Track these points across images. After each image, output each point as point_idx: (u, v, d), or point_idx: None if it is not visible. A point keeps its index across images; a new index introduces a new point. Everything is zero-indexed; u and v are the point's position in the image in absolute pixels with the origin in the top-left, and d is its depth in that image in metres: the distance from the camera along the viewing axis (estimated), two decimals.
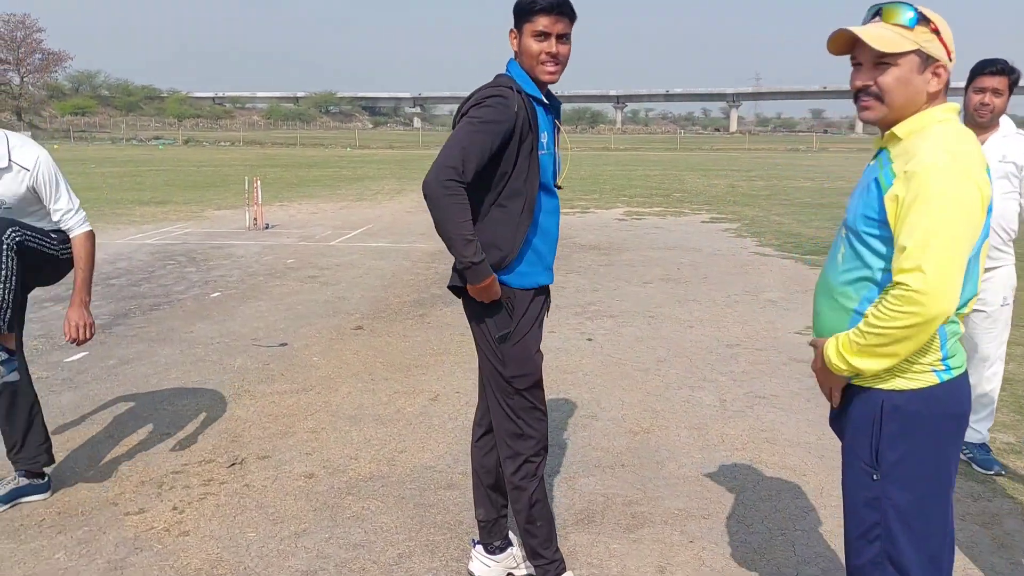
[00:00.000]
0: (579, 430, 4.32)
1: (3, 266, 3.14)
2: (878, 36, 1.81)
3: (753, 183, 22.24)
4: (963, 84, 3.54)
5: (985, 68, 3.49)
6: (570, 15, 2.45)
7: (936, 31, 1.82)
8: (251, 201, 12.74)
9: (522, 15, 2.46)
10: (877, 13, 1.87)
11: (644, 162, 34.61)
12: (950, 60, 1.84)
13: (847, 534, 2.01)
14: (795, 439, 4.19)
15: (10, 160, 3.25)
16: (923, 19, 1.81)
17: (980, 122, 3.56)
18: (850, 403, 1.94)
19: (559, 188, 2.69)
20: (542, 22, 2.42)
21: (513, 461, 2.63)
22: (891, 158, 1.85)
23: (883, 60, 1.82)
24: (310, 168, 28.73)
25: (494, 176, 2.47)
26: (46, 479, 3.58)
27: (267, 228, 12.45)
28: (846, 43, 1.89)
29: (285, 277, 8.61)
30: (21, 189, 3.29)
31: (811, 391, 4.90)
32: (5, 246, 3.15)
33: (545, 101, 2.55)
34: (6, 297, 3.17)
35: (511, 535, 2.94)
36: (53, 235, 3.41)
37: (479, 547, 2.91)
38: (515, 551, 2.89)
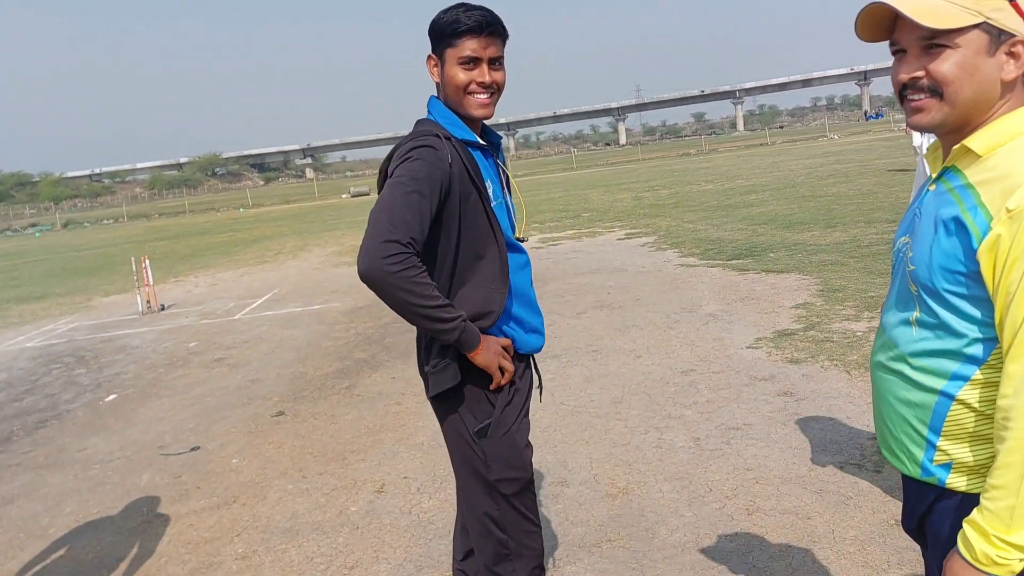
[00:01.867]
0: (551, 502, 3.82)
1: None
2: (926, 8, 1.34)
3: (657, 192, 22.38)
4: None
5: None
6: (502, 35, 2.00)
7: None
8: (141, 282, 11.78)
9: (443, 38, 1.99)
10: None
11: (545, 185, 34.64)
12: None
13: None
14: (785, 474, 3.80)
15: None
16: None
17: None
18: (949, 512, 1.46)
19: (522, 240, 2.22)
20: (469, 46, 1.96)
21: None
22: (970, 184, 1.38)
23: (936, 41, 1.35)
24: (203, 235, 27.42)
25: (445, 248, 1.98)
26: None
27: (163, 309, 11.52)
28: (883, 22, 1.42)
29: (188, 365, 7.82)
30: None
31: (784, 413, 4.55)
32: None
33: (482, 143, 2.08)
34: None
35: None
36: None
37: None
38: None
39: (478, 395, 2.06)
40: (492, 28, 1.96)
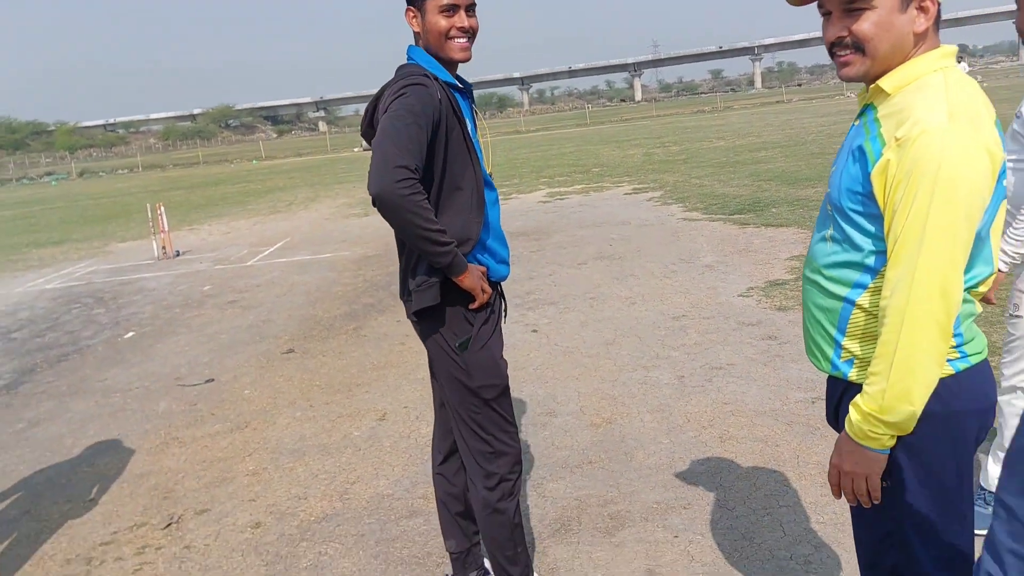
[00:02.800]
0: (539, 429, 4.09)
1: None
2: None
3: (668, 149, 22.39)
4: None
5: None
6: None
7: None
8: (157, 229, 12.06)
9: None
10: None
11: (557, 140, 34.58)
12: None
13: (858, 542, 1.81)
14: (760, 407, 4.05)
15: None
16: None
17: None
18: (850, 400, 1.66)
19: (491, 174, 2.45)
20: None
21: (487, 482, 2.38)
22: (878, 118, 1.57)
23: (855, 5, 1.53)
24: (216, 186, 27.67)
25: (431, 176, 2.20)
26: None
27: (178, 255, 11.81)
28: None
29: (203, 306, 8.12)
30: None
31: (767, 355, 4.79)
32: None
33: (460, 85, 2.30)
34: None
35: (486, 563, 2.69)
36: None
37: None
38: None
39: (459, 314, 2.30)
40: None
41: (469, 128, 2.29)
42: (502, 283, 2.51)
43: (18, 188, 46.14)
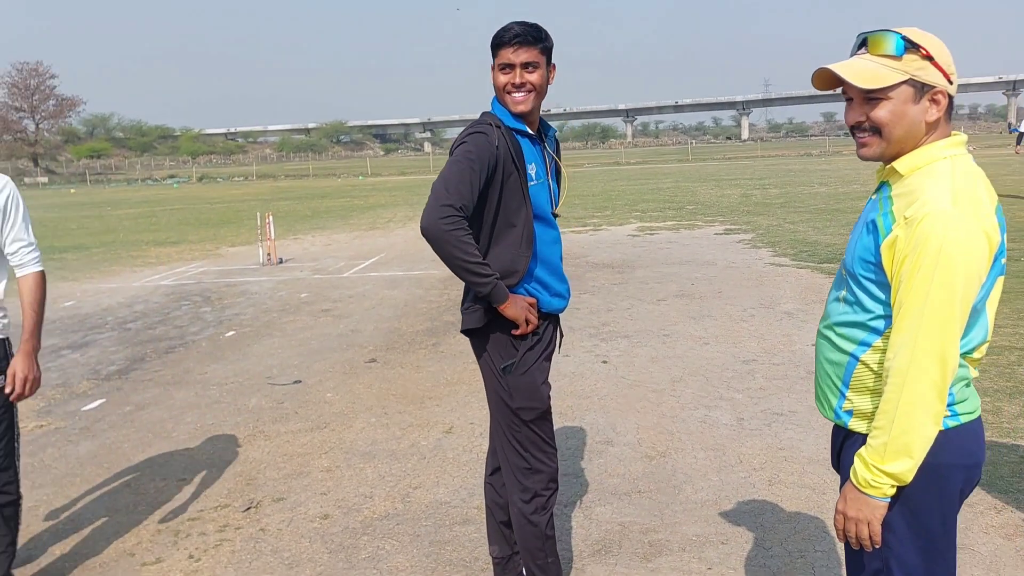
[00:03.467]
0: (594, 457, 4.28)
1: None
2: (861, 72, 1.71)
3: (767, 191, 22.13)
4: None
5: None
6: (534, 43, 2.46)
7: (928, 56, 1.69)
8: (264, 237, 12.85)
9: (492, 51, 2.50)
10: (863, 44, 1.76)
11: (656, 175, 34.58)
12: (950, 83, 1.73)
13: (849, 572, 1.96)
14: (814, 456, 4.12)
15: None
16: (912, 46, 1.69)
17: None
18: (853, 449, 1.83)
19: (556, 216, 2.70)
20: (505, 55, 2.47)
21: (523, 495, 2.61)
22: (891, 196, 1.75)
23: (873, 95, 1.72)
24: (323, 199, 28.95)
25: (485, 213, 2.48)
26: None
27: (280, 263, 12.53)
28: (831, 79, 1.78)
29: (299, 312, 8.65)
30: None
31: None
32: None
33: (530, 132, 2.56)
34: None
35: (524, 572, 2.91)
36: None
37: None
38: None
39: (504, 340, 2.55)
40: (522, 40, 2.44)
41: (534, 171, 2.55)
42: (558, 315, 2.74)
43: (143, 188, 49.36)
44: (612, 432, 4.62)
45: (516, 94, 2.50)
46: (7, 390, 2.95)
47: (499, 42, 2.49)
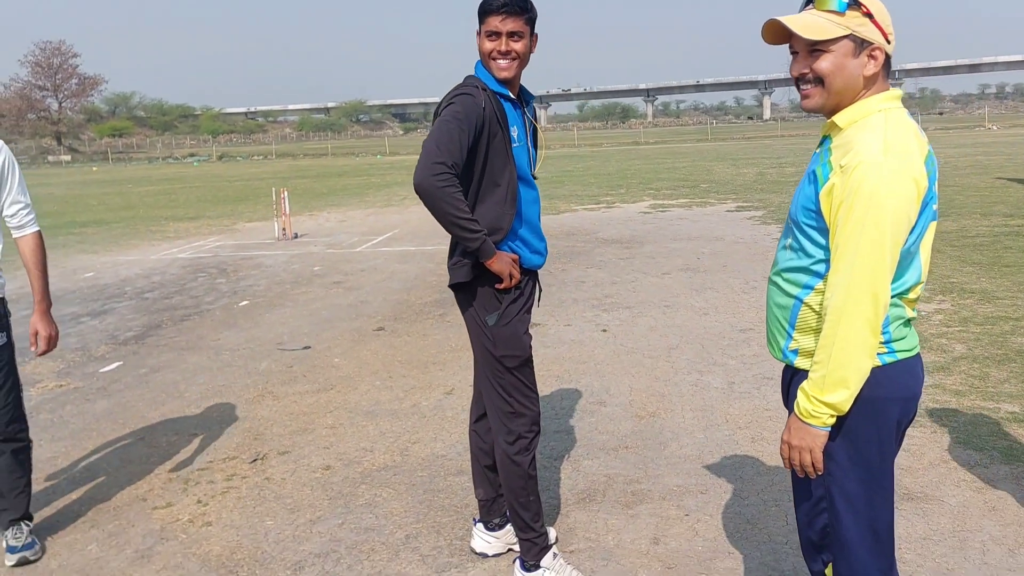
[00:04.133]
0: (586, 416, 4.44)
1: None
2: (807, 24, 1.83)
3: (783, 170, 22.04)
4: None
5: None
6: (520, 12, 2.58)
7: (869, 14, 1.81)
8: (279, 212, 13.06)
9: (479, 18, 2.62)
10: (810, 0, 1.90)
11: (673, 154, 34.46)
12: (888, 42, 1.84)
13: (797, 505, 2.10)
14: None
15: None
16: (854, 3, 1.81)
17: None
18: (796, 384, 1.96)
19: (535, 178, 2.83)
20: (492, 22, 2.57)
21: (507, 437, 2.76)
22: (831, 148, 1.87)
23: (817, 47, 1.83)
24: (340, 177, 29.16)
25: (472, 171, 2.62)
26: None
27: (296, 238, 12.74)
28: (781, 33, 1.89)
29: (311, 284, 8.85)
30: None
31: None
32: None
33: (511, 96, 2.69)
34: None
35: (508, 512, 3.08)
36: None
37: (479, 525, 3.06)
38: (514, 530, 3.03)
39: (489, 294, 2.69)
40: (509, 8, 2.55)
41: (518, 133, 2.68)
42: (537, 270, 2.89)
43: (163, 166, 49.85)
44: (605, 394, 4.77)
45: (501, 61, 2.62)
46: (32, 349, 3.18)
47: (487, 9, 2.59)
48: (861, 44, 1.83)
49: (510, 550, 3.04)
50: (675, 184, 19.27)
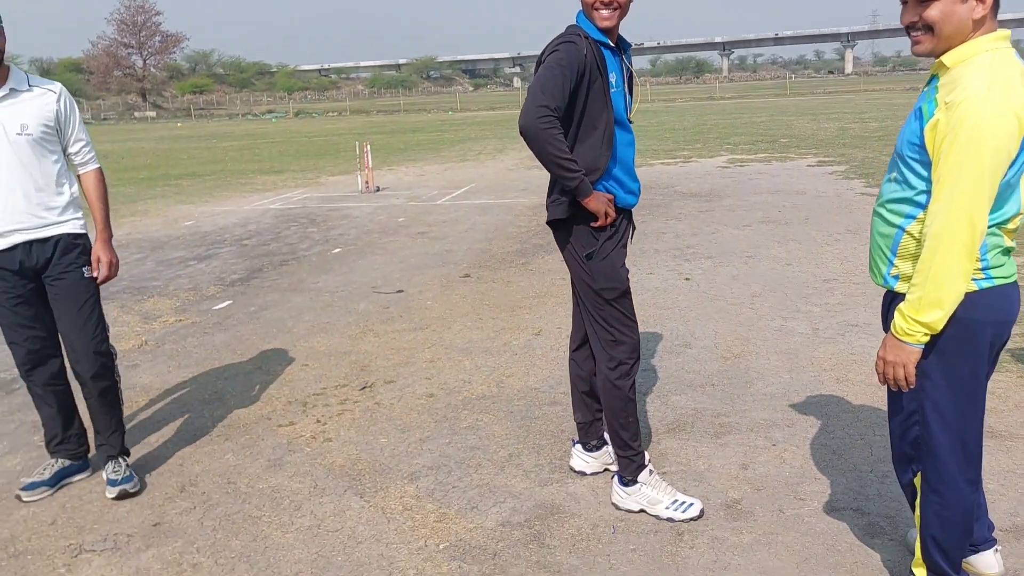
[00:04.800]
0: (673, 356, 4.64)
1: None
2: None
3: (866, 125, 21.41)
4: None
5: None
6: None
7: None
8: (362, 166, 13.44)
9: None
10: None
11: (751, 109, 33.68)
12: None
13: (891, 417, 2.27)
14: None
15: (29, 84, 3.19)
16: None
17: None
18: (896, 307, 2.11)
19: (631, 122, 3.00)
20: None
21: (609, 363, 2.98)
22: (938, 86, 1.99)
23: None
24: (414, 133, 29.53)
25: (572, 114, 2.80)
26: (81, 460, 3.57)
27: (378, 191, 13.12)
28: None
29: (397, 234, 9.20)
30: (47, 112, 3.19)
31: None
32: None
33: (611, 44, 2.86)
34: None
35: (606, 436, 3.32)
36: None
37: (578, 446, 3.32)
38: (610, 449, 3.27)
39: (586, 231, 2.89)
40: None
41: (614, 79, 2.85)
42: (632, 209, 3.07)
43: (243, 122, 51.13)
44: (691, 337, 4.95)
45: (604, 11, 2.78)
46: (95, 274, 3.33)
47: None
48: None
49: (606, 470, 3.29)
50: (754, 139, 18.95)
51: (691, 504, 2.94)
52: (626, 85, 2.97)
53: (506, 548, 2.82)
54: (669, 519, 2.91)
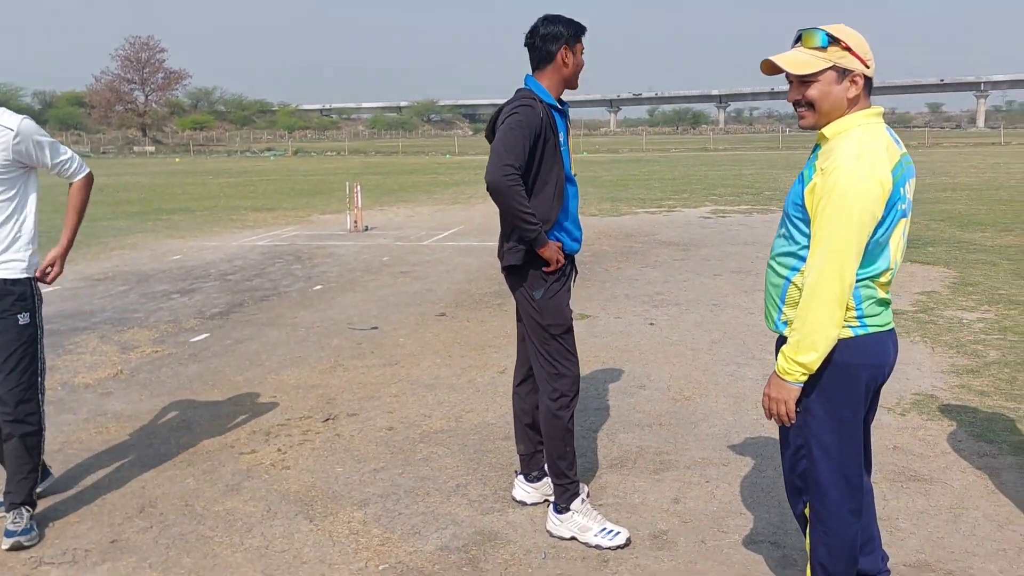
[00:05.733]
0: (626, 397, 4.83)
1: None
2: (795, 61, 2.21)
3: None
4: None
5: None
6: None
7: (847, 48, 2.18)
8: (352, 205, 13.74)
9: (580, 34, 3.09)
10: (799, 39, 2.26)
11: (741, 162, 34.30)
12: (867, 67, 2.21)
13: (782, 453, 2.47)
14: None
15: None
16: (833, 40, 2.18)
17: None
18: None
19: (575, 175, 3.26)
20: (582, 43, 3.08)
21: (552, 395, 3.19)
22: (818, 154, 2.25)
23: (806, 78, 2.22)
24: (410, 175, 29.99)
25: (529, 171, 3.06)
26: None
27: (366, 230, 13.39)
28: (777, 67, 2.27)
29: (380, 273, 9.43)
30: (7, 153, 3.12)
31: None
32: None
33: (560, 107, 3.13)
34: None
35: (546, 467, 3.50)
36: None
37: (520, 477, 3.50)
38: (550, 480, 3.45)
39: (537, 275, 3.13)
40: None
41: (562, 138, 3.12)
42: (575, 255, 3.30)
43: (242, 159, 51.74)
44: (646, 379, 5.15)
45: (575, 87, 3.14)
46: (43, 266, 3.33)
47: (583, 32, 3.11)
48: (843, 72, 2.21)
49: (546, 500, 3.46)
50: (738, 191, 19.36)
51: (618, 532, 3.12)
52: (568, 143, 3.23)
53: (442, 571, 2.99)
54: (597, 546, 3.09)
